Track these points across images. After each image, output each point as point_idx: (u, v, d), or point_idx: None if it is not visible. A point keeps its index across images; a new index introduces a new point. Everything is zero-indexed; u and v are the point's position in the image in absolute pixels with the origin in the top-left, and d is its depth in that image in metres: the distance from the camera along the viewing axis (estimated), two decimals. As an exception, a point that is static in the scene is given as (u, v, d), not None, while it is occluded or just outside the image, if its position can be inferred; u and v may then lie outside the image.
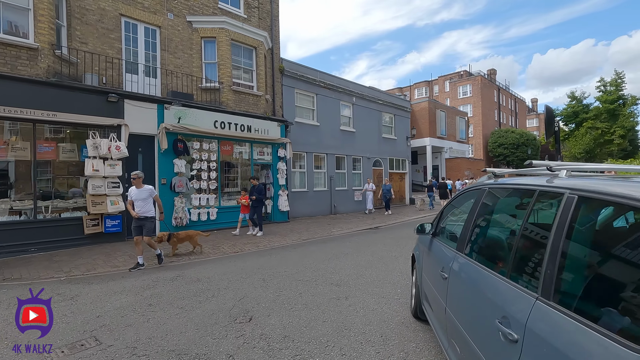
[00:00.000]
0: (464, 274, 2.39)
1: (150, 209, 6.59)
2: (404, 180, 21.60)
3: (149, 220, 6.58)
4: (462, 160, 33.36)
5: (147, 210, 6.55)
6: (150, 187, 6.74)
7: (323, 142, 16.00)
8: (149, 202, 6.61)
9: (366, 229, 12.07)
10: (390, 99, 20.29)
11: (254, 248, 8.68)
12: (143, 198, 6.55)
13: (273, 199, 13.06)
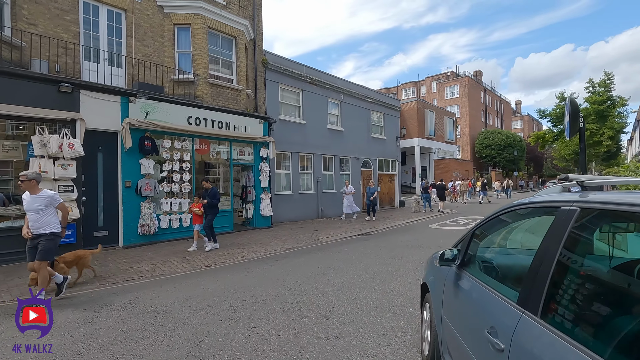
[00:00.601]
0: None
1: (48, 223, 4.74)
2: (393, 181, 20.81)
3: (45, 238, 4.69)
4: (450, 161, 32.93)
5: (42, 224, 4.70)
6: (50, 192, 4.89)
7: (309, 142, 15.00)
8: (48, 214, 4.76)
9: (356, 235, 11.13)
10: (379, 97, 19.47)
11: (230, 260, 7.60)
12: (37, 208, 4.68)
13: (255, 202, 11.98)
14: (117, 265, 7.10)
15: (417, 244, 9.23)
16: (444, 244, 9.06)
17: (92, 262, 6.36)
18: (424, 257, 7.44)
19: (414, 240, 9.87)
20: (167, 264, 7.22)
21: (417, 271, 6.31)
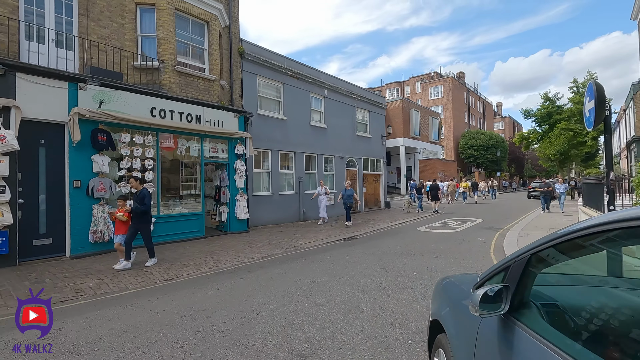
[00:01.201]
0: None
1: None
2: (379, 182, 20.04)
3: None
4: (435, 161, 32.55)
5: None
6: None
7: (291, 139, 14.01)
8: None
9: (340, 239, 10.21)
10: (364, 94, 18.67)
11: (195, 272, 6.54)
12: None
13: (230, 204, 10.88)
14: (55, 280, 5.92)
15: (407, 250, 8.38)
16: (437, 250, 8.24)
17: (23, 277, 5.20)
18: (416, 267, 6.58)
19: (404, 245, 9.02)
20: (118, 278, 6.09)
21: (410, 285, 5.43)
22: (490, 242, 9.37)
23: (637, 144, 20.10)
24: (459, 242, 9.33)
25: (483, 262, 6.98)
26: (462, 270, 6.28)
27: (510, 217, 15.04)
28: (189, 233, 9.73)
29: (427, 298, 4.80)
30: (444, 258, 7.40)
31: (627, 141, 23.48)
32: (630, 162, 23.43)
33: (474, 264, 6.81)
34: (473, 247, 8.72)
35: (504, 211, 17.99)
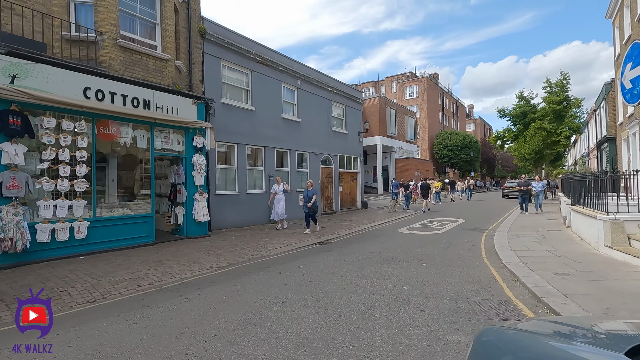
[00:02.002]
0: None
1: None
2: (355, 181, 19.03)
3: None
4: (412, 161, 32.09)
5: None
6: None
7: (260, 132, 12.67)
8: None
9: (314, 244, 9.01)
10: (341, 87, 17.59)
11: (129, 291, 5.13)
12: None
13: (186, 205, 9.42)
14: None
15: (391, 256, 7.29)
16: (424, 256, 7.21)
17: None
18: (404, 278, 5.47)
19: (386, 250, 7.94)
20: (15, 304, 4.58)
21: (400, 304, 4.31)
22: (479, 245, 8.48)
23: (609, 143, 20.24)
24: (446, 246, 8.37)
25: (480, 270, 6.00)
26: (459, 282, 5.25)
27: (491, 217, 14.41)
28: (136, 239, 8.20)
29: (424, 325, 3.69)
30: (434, 265, 6.36)
31: (598, 141, 23.80)
32: (600, 161, 23.77)
33: (470, 273, 5.81)
34: (462, 251, 7.77)
35: (484, 211, 17.45)
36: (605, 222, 6.50)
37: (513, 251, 7.28)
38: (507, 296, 4.65)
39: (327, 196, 16.37)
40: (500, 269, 6.13)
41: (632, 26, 13.50)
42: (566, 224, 10.51)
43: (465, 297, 4.58)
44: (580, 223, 8.38)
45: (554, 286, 4.74)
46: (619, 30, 15.89)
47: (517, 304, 4.34)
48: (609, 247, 6.37)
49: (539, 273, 5.45)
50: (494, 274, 5.80)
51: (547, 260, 6.33)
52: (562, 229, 10.26)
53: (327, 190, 16.43)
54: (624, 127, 15.56)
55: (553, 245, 7.73)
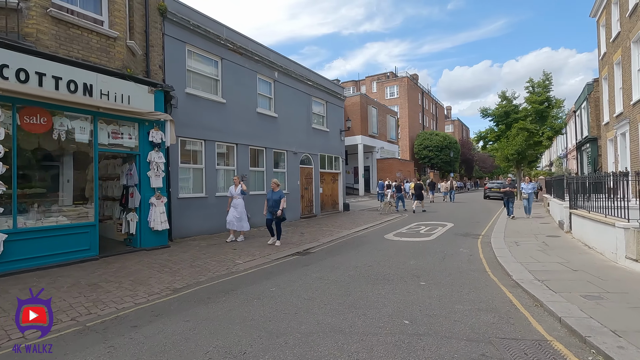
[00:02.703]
0: None
1: None
2: (337, 181, 17.93)
3: None
4: (394, 161, 31.39)
5: None
6: None
7: (232, 128, 11.32)
8: None
9: (291, 255, 7.81)
10: (322, 82, 16.44)
11: (34, 335, 3.74)
12: None
13: (140, 210, 7.98)
14: None
15: (382, 272, 6.19)
16: (419, 270, 6.15)
17: None
18: (402, 306, 4.35)
19: (375, 263, 6.84)
20: None
21: (405, 354, 3.17)
22: (477, 255, 7.52)
23: (591, 144, 20.10)
24: (442, 256, 7.36)
25: (490, 291, 4.98)
26: (471, 311, 4.18)
27: (480, 221, 13.65)
28: (73, 253, 6.73)
29: (446, 393, 2.56)
30: (435, 285, 5.29)
31: (578, 142, 23.78)
32: (580, 162, 23.76)
33: (481, 295, 4.77)
34: (461, 263, 6.78)
35: (470, 214, 16.75)
36: (627, 230, 5.64)
37: (520, 263, 6.34)
38: (539, 333, 3.61)
39: (306, 198, 15.18)
40: (513, 288, 5.13)
41: (622, 22, 13.08)
42: (563, 229, 9.78)
43: (487, 336, 3.51)
44: (587, 230, 7.57)
45: (593, 317, 3.75)
46: (605, 28, 15.57)
47: (555, 347, 3.31)
48: (634, 259, 5.50)
49: (565, 296, 4.48)
50: (508, 296, 4.78)
51: (565, 277, 5.40)
52: (560, 234, 9.51)
53: (307, 192, 15.24)
54: (610, 127, 15.22)
55: (561, 256, 6.85)
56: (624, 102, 13.21)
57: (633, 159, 12.23)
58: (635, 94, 12.00)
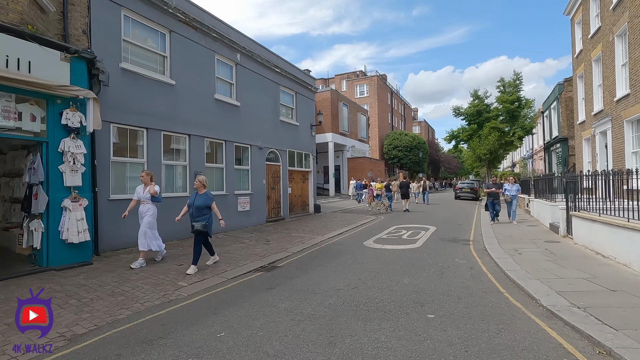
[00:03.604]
0: None
1: None
2: (307, 181, 16.39)
3: None
4: (365, 160, 30.36)
5: None
6: None
7: (183, 115, 9.44)
8: None
9: (252, 272, 6.17)
10: (291, 70, 14.83)
11: None
12: None
13: (47, 217, 5.97)
14: None
15: (372, 297, 4.73)
16: (419, 294, 4.74)
17: None
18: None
19: (360, 283, 5.37)
20: None
21: None
22: (479, 268, 6.29)
23: (561, 144, 20.04)
24: (439, 271, 6.05)
25: (522, 326, 3.65)
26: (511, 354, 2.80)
27: (462, 223, 12.68)
28: None
29: None
30: (449, 319, 3.90)
31: (547, 142, 23.92)
32: (549, 163, 23.90)
33: (515, 334, 3.42)
34: (466, 280, 5.48)
35: (448, 215, 15.85)
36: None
37: (538, 280, 5.13)
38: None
39: (273, 199, 13.50)
40: (550, 320, 3.86)
41: (603, 17, 12.62)
42: (559, 233, 8.87)
43: None
44: (600, 236, 6.58)
45: None
46: (582, 25, 15.25)
47: None
48: (684, 276, 4.43)
49: (629, 333, 3.23)
50: (553, 336, 3.47)
51: (609, 301, 4.20)
52: (557, 239, 8.57)
53: (274, 193, 13.57)
54: (587, 126, 14.90)
55: (580, 268, 5.74)
56: (604, 99, 12.78)
57: (616, 157, 11.74)
58: (619, 90, 11.51)
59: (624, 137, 11.14)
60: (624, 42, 11.30)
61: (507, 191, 12.15)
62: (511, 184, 12.23)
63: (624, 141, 11.11)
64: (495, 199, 12.04)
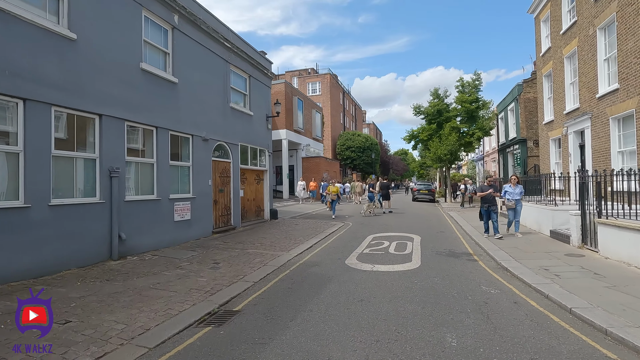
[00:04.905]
0: None
1: None
2: (262, 182, 13.93)
3: None
4: (320, 160, 28.46)
5: None
6: None
7: (90, 86, 6.54)
8: None
9: (197, 325, 3.74)
10: (245, 48, 12.27)
11: None
12: None
13: None
14: None
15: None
16: None
17: None
18: None
19: (381, 352, 3.23)
20: None
21: None
22: (524, 302, 4.53)
23: (520, 145, 19.95)
24: (479, 312, 4.15)
25: None
26: None
27: (444, 230, 11.22)
28: None
29: None
30: None
31: (502, 144, 24.04)
32: (504, 165, 24.04)
33: None
34: (529, 329, 3.63)
35: (419, 220, 14.44)
36: None
37: (624, 320, 3.43)
38: None
39: (222, 204, 10.87)
40: None
41: (580, 10, 12.02)
42: (572, 243, 7.57)
43: None
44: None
45: None
46: (550, 22, 14.83)
47: None
48: None
49: None
50: None
51: None
52: (573, 250, 7.24)
53: (223, 196, 10.93)
54: (556, 125, 14.45)
55: (663, 300, 4.22)
56: (581, 96, 12.21)
57: (597, 156, 11.11)
58: (602, 86, 10.87)
59: (609, 136, 10.45)
60: (608, 35, 10.66)
61: (508, 194, 9.33)
62: (514, 185, 9.34)
63: (609, 140, 10.42)
64: (491, 205, 9.28)
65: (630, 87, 9.39)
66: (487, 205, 9.31)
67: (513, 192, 9.23)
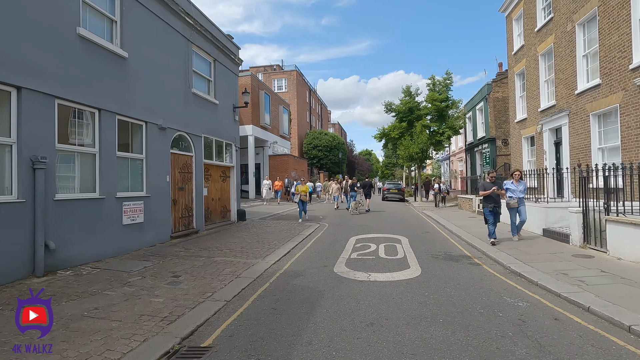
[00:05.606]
0: None
1: None
2: (228, 179, 12.52)
3: None
4: (289, 158, 27.22)
5: None
6: None
7: (7, 52, 4.95)
8: None
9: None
10: (209, 27, 10.83)
11: None
12: None
13: None
14: None
15: None
16: None
17: None
18: None
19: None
20: None
21: None
22: (566, 318, 3.78)
23: (489, 144, 20.10)
24: (522, 335, 3.29)
25: None
26: None
27: (429, 231, 10.57)
28: None
29: None
30: None
31: (469, 143, 24.27)
32: (472, 164, 24.30)
33: None
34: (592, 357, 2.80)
35: (396, 220, 13.79)
36: None
37: None
38: None
39: (182, 204, 9.39)
40: None
41: (558, 7, 11.93)
42: (572, 242, 7.10)
43: None
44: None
45: None
46: (523, 20, 14.83)
47: None
48: None
49: None
50: None
51: None
52: (577, 251, 6.74)
53: (183, 195, 9.46)
54: (530, 123, 14.44)
55: None
56: (558, 93, 12.15)
57: (575, 153, 11.02)
58: (581, 82, 10.77)
59: (589, 132, 10.33)
60: (588, 30, 10.56)
61: (510, 192, 7.96)
62: (516, 182, 8.02)
63: (589, 136, 10.31)
64: (497, 204, 7.91)
65: (614, 82, 9.24)
66: (493, 205, 7.83)
67: (516, 189, 7.94)
